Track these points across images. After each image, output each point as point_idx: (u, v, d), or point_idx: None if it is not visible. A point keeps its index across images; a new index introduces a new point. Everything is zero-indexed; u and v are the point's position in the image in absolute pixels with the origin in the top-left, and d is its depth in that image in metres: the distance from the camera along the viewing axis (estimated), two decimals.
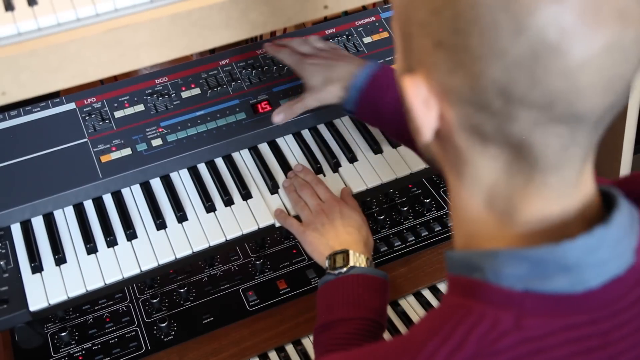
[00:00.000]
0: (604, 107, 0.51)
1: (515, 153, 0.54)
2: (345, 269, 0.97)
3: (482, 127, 0.53)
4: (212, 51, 1.37)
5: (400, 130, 1.03)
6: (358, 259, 0.98)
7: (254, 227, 1.07)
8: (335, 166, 1.16)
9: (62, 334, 1.19)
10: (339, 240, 1.03)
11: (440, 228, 1.31)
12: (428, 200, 1.34)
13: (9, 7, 0.77)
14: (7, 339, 1.21)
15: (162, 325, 1.20)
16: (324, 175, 1.15)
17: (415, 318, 1.22)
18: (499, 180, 0.56)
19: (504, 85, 0.49)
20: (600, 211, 0.57)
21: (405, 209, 1.32)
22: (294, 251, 1.34)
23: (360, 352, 0.62)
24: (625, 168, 1.44)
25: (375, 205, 1.36)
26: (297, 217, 1.08)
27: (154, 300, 1.24)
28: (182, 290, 1.25)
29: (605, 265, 0.54)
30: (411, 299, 1.26)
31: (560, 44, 0.47)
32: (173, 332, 1.21)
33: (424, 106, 0.55)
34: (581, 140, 0.53)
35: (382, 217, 1.33)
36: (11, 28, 0.75)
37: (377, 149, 1.18)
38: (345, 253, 0.99)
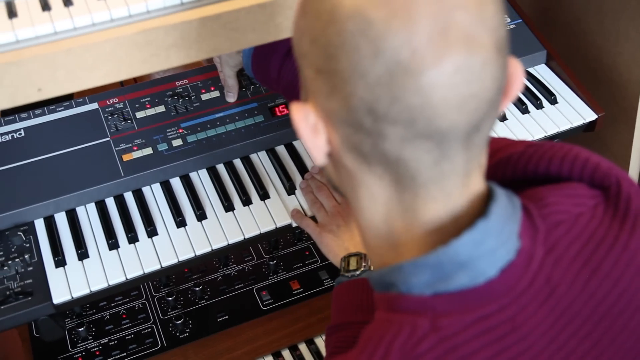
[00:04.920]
0: (466, 125, 0.55)
1: (395, 171, 0.57)
2: (358, 272, 0.99)
3: (361, 146, 0.57)
4: None
5: (289, 93, 1.06)
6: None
7: (272, 227, 1.09)
8: None
9: (80, 330, 1.21)
10: (354, 242, 1.04)
11: None
12: None
13: (45, 7, 0.79)
14: (25, 334, 1.23)
15: (178, 322, 1.22)
16: None
17: None
18: (391, 197, 0.60)
19: (369, 104, 0.54)
20: (483, 207, 0.60)
21: None
22: (307, 253, 1.37)
23: None
24: (633, 178, 1.47)
25: None
26: (314, 218, 1.11)
27: (170, 298, 1.26)
28: (197, 288, 1.28)
29: (495, 253, 0.57)
30: None
31: (411, 64, 0.51)
32: (188, 330, 1.23)
33: (312, 132, 0.59)
34: (453, 156, 0.56)
35: None
36: (48, 27, 0.77)
37: None
38: (359, 256, 1.00)
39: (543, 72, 1.35)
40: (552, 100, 1.29)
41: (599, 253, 0.63)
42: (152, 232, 1.07)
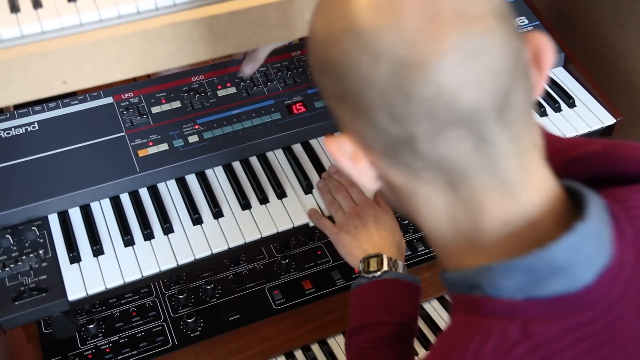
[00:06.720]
0: (491, 101, 0.52)
1: (442, 171, 0.56)
2: (379, 273, 0.97)
3: (401, 157, 0.56)
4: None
5: None
6: (391, 264, 0.99)
7: (289, 226, 1.07)
8: None
9: (90, 326, 1.19)
10: (373, 244, 1.03)
11: None
12: None
13: None
14: (34, 332, 1.21)
15: (189, 320, 1.21)
16: None
17: (439, 321, 1.24)
18: (450, 199, 0.58)
19: (388, 110, 0.53)
20: (569, 207, 0.58)
21: None
22: (319, 252, 1.35)
23: None
24: None
25: None
26: (331, 218, 1.09)
27: (181, 296, 1.25)
28: (208, 287, 1.26)
29: (592, 259, 0.55)
30: (435, 303, 1.27)
31: (411, 57, 0.51)
32: (200, 328, 1.21)
33: (351, 160, 0.60)
34: (493, 138, 0.54)
35: (405, 221, 1.35)
36: (74, 18, 0.76)
37: None
38: (379, 257, 0.99)
39: (561, 75, 1.34)
40: (571, 103, 1.28)
41: None
42: (168, 229, 1.05)
